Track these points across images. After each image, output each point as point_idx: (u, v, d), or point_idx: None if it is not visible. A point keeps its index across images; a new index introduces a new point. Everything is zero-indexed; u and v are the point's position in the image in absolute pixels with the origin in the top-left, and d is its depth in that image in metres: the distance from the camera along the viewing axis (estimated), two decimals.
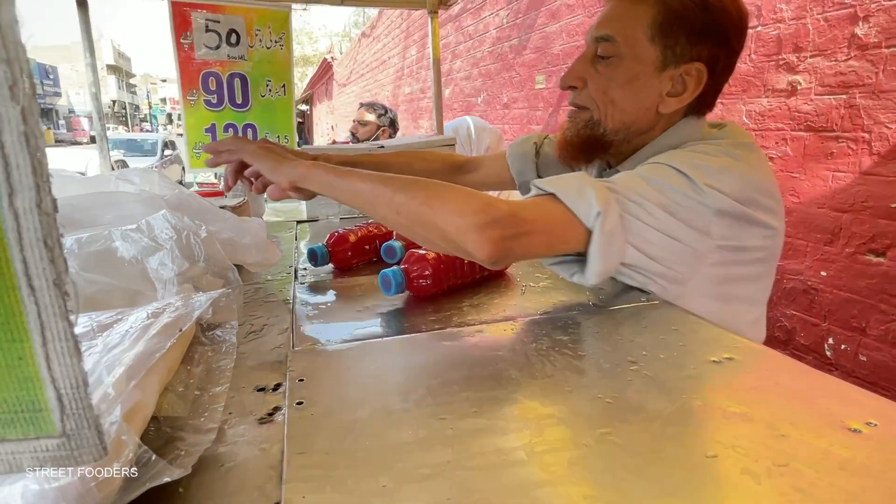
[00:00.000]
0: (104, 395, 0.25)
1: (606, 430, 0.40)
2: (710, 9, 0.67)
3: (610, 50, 0.72)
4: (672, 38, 0.69)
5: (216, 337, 0.47)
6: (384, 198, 0.61)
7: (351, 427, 0.41)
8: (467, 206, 0.58)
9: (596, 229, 0.60)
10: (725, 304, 0.71)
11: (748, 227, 0.67)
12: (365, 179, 0.63)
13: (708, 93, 0.72)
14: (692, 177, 0.63)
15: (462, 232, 0.57)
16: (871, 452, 0.36)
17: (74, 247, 0.52)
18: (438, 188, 0.61)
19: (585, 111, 0.76)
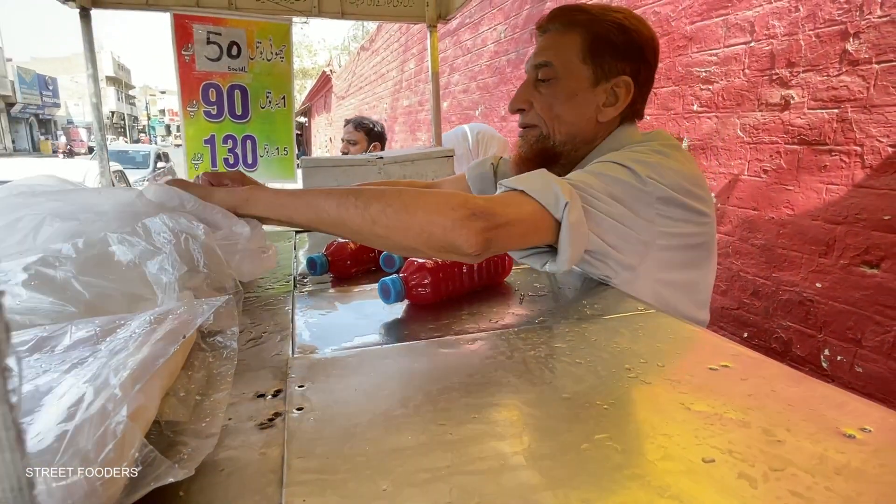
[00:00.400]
0: (111, 395, 0.26)
1: (604, 436, 0.40)
2: (627, 31, 0.80)
3: (549, 73, 0.82)
4: (600, 58, 0.80)
5: (217, 343, 0.47)
6: (355, 210, 0.61)
7: (351, 432, 0.41)
8: (447, 204, 0.61)
9: (564, 219, 0.65)
10: (671, 289, 0.80)
11: (685, 214, 0.75)
12: (329, 195, 0.63)
13: (636, 101, 0.84)
14: (635, 169, 0.72)
15: (448, 229, 0.60)
16: (866, 457, 0.37)
17: (71, 251, 0.53)
18: (413, 192, 0.63)
19: (535, 129, 0.86)
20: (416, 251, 0.63)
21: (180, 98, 1.79)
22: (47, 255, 0.51)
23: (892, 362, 1.44)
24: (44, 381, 0.31)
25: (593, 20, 0.80)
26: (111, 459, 0.23)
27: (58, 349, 0.36)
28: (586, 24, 0.80)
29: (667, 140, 0.81)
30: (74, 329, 0.39)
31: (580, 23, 0.80)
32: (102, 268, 0.52)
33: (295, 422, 0.42)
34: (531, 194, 0.66)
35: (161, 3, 1.67)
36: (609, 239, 0.70)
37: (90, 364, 0.33)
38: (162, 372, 0.36)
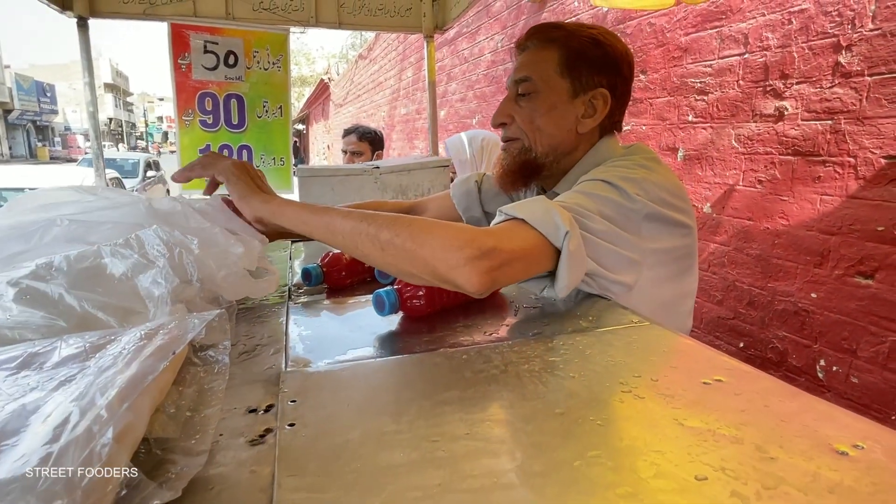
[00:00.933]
0: (97, 416, 0.25)
1: (597, 452, 0.40)
2: (602, 46, 0.83)
3: (529, 88, 0.85)
4: (577, 71, 0.83)
5: (208, 357, 0.47)
6: (367, 236, 0.63)
7: (342, 449, 0.41)
8: (455, 241, 0.61)
9: (564, 248, 0.67)
10: (662, 303, 0.81)
11: (670, 228, 0.77)
12: (345, 217, 0.65)
13: (614, 113, 0.86)
14: (623, 188, 0.73)
15: (452, 267, 0.61)
16: (859, 475, 0.37)
17: (63, 264, 0.52)
18: (423, 224, 0.63)
19: (517, 141, 0.88)
20: (420, 280, 0.65)
21: (176, 107, 1.79)
22: (39, 268, 0.51)
23: (887, 373, 1.44)
24: (31, 400, 0.31)
25: (569, 35, 0.83)
26: (96, 483, 0.23)
27: (46, 366, 0.36)
28: (563, 39, 0.83)
29: (647, 153, 0.84)
30: (64, 345, 0.39)
31: (557, 38, 0.83)
32: (94, 281, 0.52)
33: (286, 438, 0.42)
34: (532, 224, 0.67)
35: (158, 13, 1.68)
36: (605, 262, 0.72)
37: (78, 381, 0.32)
38: (152, 388, 0.35)
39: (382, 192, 1.40)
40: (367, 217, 0.65)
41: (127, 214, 0.63)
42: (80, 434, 0.24)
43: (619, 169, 0.77)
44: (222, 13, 1.74)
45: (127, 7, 1.64)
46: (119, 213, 0.63)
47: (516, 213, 0.69)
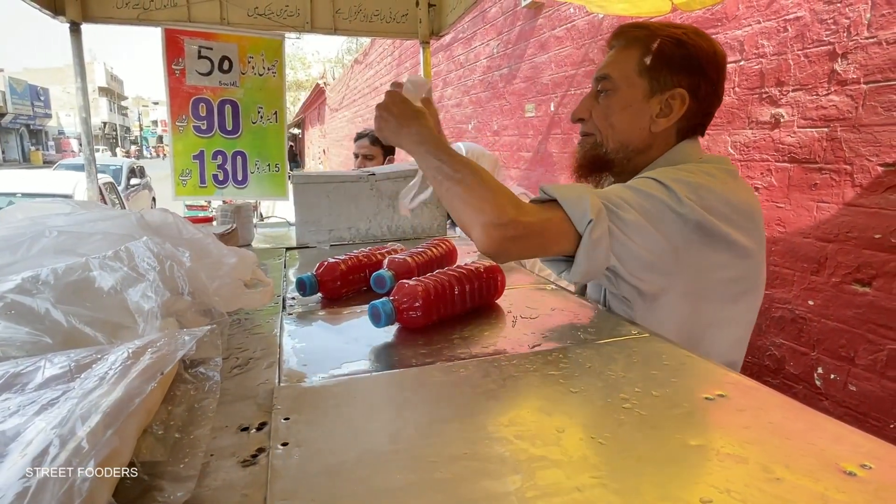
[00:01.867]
0: (77, 448, 0.24)
1: (599, 474, 0.39)
2: (685, 46, 0.81)
3: (607, 86, 0.85)
4: (656, 71, 0.82)
5: (199, 374, 0.45)
6: (436, 182, 0.76)
7: (337, 471, 0.39)
8: (481, 204, 0.69)
9: (585, 235, 0.68)
10: (700, 326, 0.78)
11: (721, 244, 0.74)
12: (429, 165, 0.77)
13: (695, 114, 0.83)
14: (674, 189, 0.72)
15: (472, 225, 0.70)
16: (869, 498, 0.36)
17: (50, 278, 0.51)
18: (472, 182, 0.72)
19: (591, 136, 0.88)
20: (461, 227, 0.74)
21: (169, 112, 1.77)
22: (25, 281, 0.49)
23: (885, 381, 1.44)
24: (11, 426, 0.30)
25: (651, 35, 0.82)
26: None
27: (29, 387, 0.34)
28: (644, 39, 0.82)
29: (723, 165, 0.81)
30: (48, 364, 0.37)
31: (639, 38, 0.83)
32: (82, 295, 0.50)
33: (279, 459, 0.41)
34: (562, 204, 0.70)
35: (152, 19, 1.66)
36: (627, 260, 0.71)
37: (61, 405, 0.31)
38: (139, 410, 0.34)
39: (378, 198, 1.39)
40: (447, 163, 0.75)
41: (117, 226, 0.61)
42: (59, 467, 0.23)
43: (678, 171, 0.76)
44: (217, 18, 1.73)
45: (120, 12, 1.62)
46: (109, 225, 0.61)
47: (552, 193, 0.72)
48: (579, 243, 0.69)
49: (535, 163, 3.32)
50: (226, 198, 1.87)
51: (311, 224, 1.35)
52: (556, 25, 3.04)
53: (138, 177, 10.15)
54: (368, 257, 0.92)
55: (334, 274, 0.86)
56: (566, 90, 2.96)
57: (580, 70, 2.82)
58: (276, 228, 1.74)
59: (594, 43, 2.69)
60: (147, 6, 1.63)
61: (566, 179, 2.97)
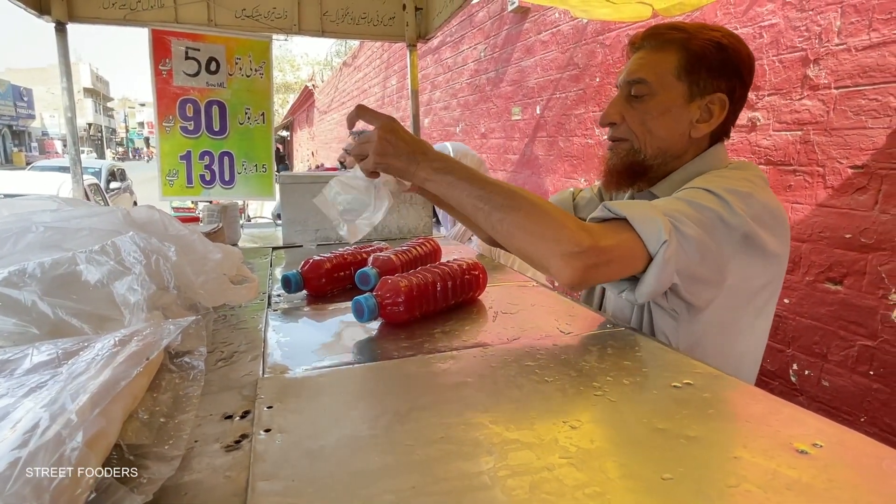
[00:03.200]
0: (67, 420, 0.26)
1: (568, 455, 0.41)
2: (725, 49, 0.79)
3: (643, 90, 0.81)
4: (695, 75, 0.79)
5: (184, 364, 0.47)
6: (483, 214, 0.68)
7: (318, 454, 0.41)
8: (560, 232, 0.64)
9: (659, 255, 0.66)
10: (725, 339, 0.77)
11: (760, 254, 0.73)
12: (469, 194, 0.69)
13: (730, 118, 0.82)
14: (727, 200, 0.70)
15: (547, 258, 0.65)
16: (816, 473, 0.38)
17: (37, 271, 0.52)
18: (532, 210, 0.66)
19: (625, 142, 0.85)
20: (525, 260, 0.69)
21: (156, 113, 1.77)
22: (11, 274, 0.50)
23: (856, 376, 1.48)
24: (0, 406, 0.31)
25: (690, 38, 0.79)
26: (65, 487, 0.23)
27: (17, 372, 0.36)
28: (683, 41, 0.79)
29: (758, 171, 0.80)
30: (35, 352, 0.39)
31: (676, 40, 0.80)
32: (69, 288, 0.51)
33: (261, 444, 0.42)
34: (633, 225, 0.67)
35: (139, 19, 1.66)
36: (687, 280, 0.70)
37: (49, 387, 0.32)
38: (125, 394, 0.35)
39: None
40: (484, 197, 0.68)
41: (103, 222, 0.62)
42: (50, 438, 0.24)
43: (726, 180, 0.74)
44: (204, 20, 1.74)
45: (107, 12, 1.62)
46: (95, 221, 0.62)
47: (620, 212, 0.68)
48: (647, 265, 0.67)
49: (522, 165, 3.36)
50: (213, 198, 1.87)
51: (298, 224, 1.36)
52: (541, 30, 3.09)
53: (118, 179, 9.67)
54: (353, 255, 0.93)
55: (319, 271, 0.87)
56: (551, 94, 3.00)
57: (565, 74, 2.86)
58: (263, 228, 1.75)
59: (578, 47, 2.74)
60: (134, 6, 1.63)
61: (552, 181, 3.01)
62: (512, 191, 0.68)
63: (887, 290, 1.39)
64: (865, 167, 1.42)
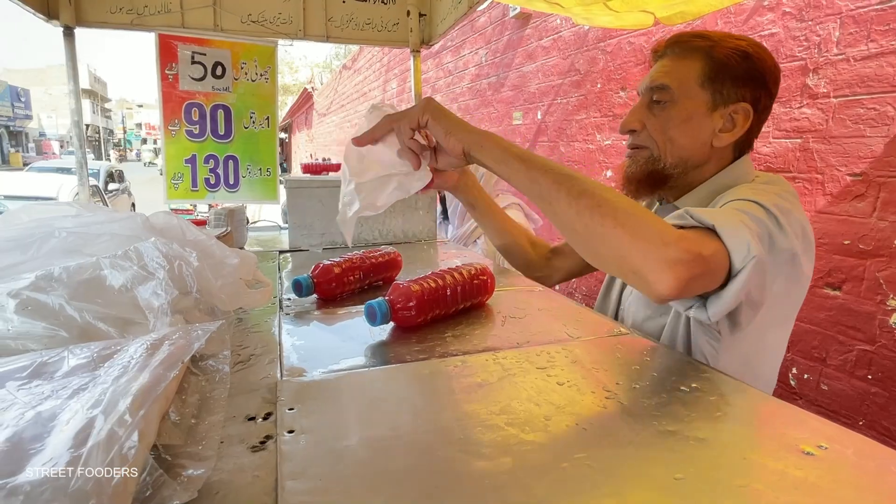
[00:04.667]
0: (121, 420, 0.27)
1: (583, 455, 0.42)
2: (750, 58, 0.77)
3: (665, 96, 0.80)
4: (719, 83, 0.78)
5: (209, 367, 0.48)
6: (566, 197, 0.59)
7: (342, 454, 0.42)
8: (661, 235, 0.57)
9: (745, 271, 0.61)
10: (756, 353, 0.77)
11: (798, 274, 0.71)
12: (548, 171, 0.61)
13: (753, 128, 0.80)
14: (777, 217, 0.67)
15: (647, 261, 0.57)
16: (822, 473, 0.40)
17: (63, 275, 0.53)
18: (628, 205, 0.59)
19: (644, 150, 0.83)
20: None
21: (162, 117, 1.78)
22: (38, 279, 0.52)
23: (854, 380, 1.50)
24: (46, 408, 0.32)
25: (714, 46, 0.78)
26: (123, 482, 0.24)
27: (57, 375, 0.37)
28: (707, 49, 0.78)
29: (790, 189, 0.77)
30: (71, 355, 0.40)
31: (701, 48, 0.79)
32: (94, 292, 0.53)
33: (286, 444, 0.44)
34: (723, 237, 0.62)
35: (146, 24, 1.68)
36: (744, 300, 0.66)
37: (92, 390, 0.34)
38: (160, 397, 0.37)
39: None
40: (571, 177, 0.60)
41: (124, 227, 0.64)
42: (106, 437, 0.26)
43: (769, 195, 0.70)
44: (210, 25, 1.75)
45: (114, 17, 1.64)
46: (116, 227, 0.64)
47: (708, 221, 0.63)
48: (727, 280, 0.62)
49: None
50: (217, 202, 1.89)
51: (304, 228, 1.37)
52: (543, 36, 3.11)
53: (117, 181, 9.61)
54: (362, 260, 0.95)
55: (329, 276, 0.89)
56: (553, 99, 3.03)
57: (566, 80, 2.88)
58: (267, 232, 1.76)
59: (580, 53, 2.76)
60: (141, 11, 1.65)
61: None
62: (601, 184, 0.62)
63: (885, 296, 1.41)
64: (864, 175, 1.45)
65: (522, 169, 0.62)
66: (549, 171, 0.61)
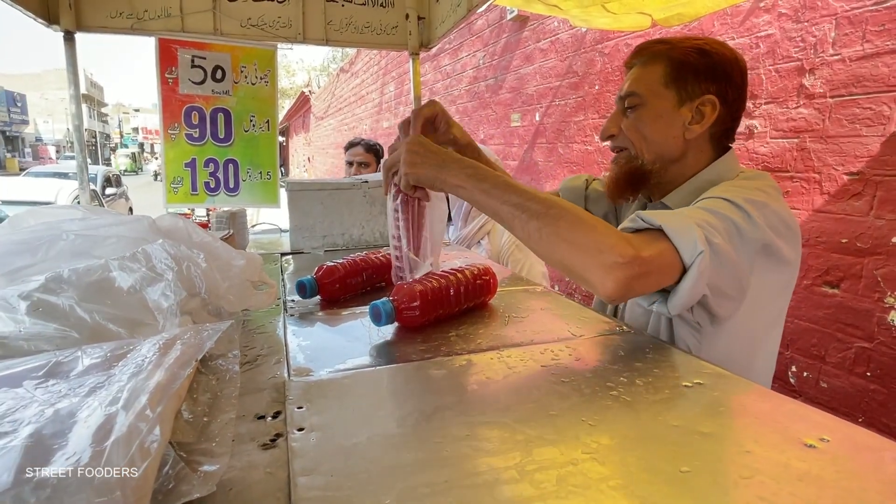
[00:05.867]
0: (143, 415, 0.28)
1: (590, 451, 0.43)
2: (708, 54, 0.82)
3: (635, 101, 0.86)
4: (682, 81, 0.83)
5: (219, 367, 0.49)
6: (519, 222, 0.68)
7: (352, 451, 0.43)
8: (601, 242, 0.63)
9: (694, 266, 0.65)
10: (747, 347, 0.79)
11: (777, 264, 0.74)
12: (504, 201, 0.69)
13: (725, 119, 0.84)
14: (748, 211, 0.71)
15: (588, 269, 0.63)
16: (825, 465, 0.41)
17: (73, 277, 0.54)
18: (571, 218, 0.65)
19: (624, 151, 0.88)
20: (560, 271, 0.67)
21: (162, 121, 1.79)
22: (48, 281, 0.52)
23: (853, 378, 1.51)
24: (64, 406, 0.33)
25: (672, 48, 0.83)
26: (145, 476, 0.25)
27: (73, 374, 0.37)
28: (666, 52, 0.84)
29: (771, 181, 0.81)
30: (85, 355, 0.41)
31: (660, 52, 0.84)
32: (103, 294, 0.53)
33: (297, 442, 0.44)
34: (670, 235, 0.66)
35: (146, 28, 1.69)
36: (715, 291, 0.69)
37: (108, 388, 0.34)
38: (174, 394, 0.37)
39: (371, 205, 1.42)
40: (520, 205, 0.67)
41: (130, 230, 0.64)
42: (128, 432, 0.26)
43: (742, 190, 0.75)
44: (210, 29, 1.76)
45: (114, 22, 1.65)
46: (123, 229, 0.64)
47: (655, 222, 0.68)
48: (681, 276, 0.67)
49: (521, 171, 3.39)
50: (217, 205, 1.89)
51: (306, 230, 1.38)
52: (540, 38, 3.13)
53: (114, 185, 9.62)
54: (365, 261, 0.95)
55: (333, 277, 0.89)
56: (550, 101, 3.04)
57: (564, 81, 2.90)
58: (268, 235, 1.77)
59: (577, 55, 2.78)
60: (141, 16, 1.65)
61: (552, 187, 3.04)
62: (550, 199, 0.68)
63: (883, 294, 1.43)
64: (860, 174, 1.46)
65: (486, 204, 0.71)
66: (505, 203, 0.69)
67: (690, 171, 0.86)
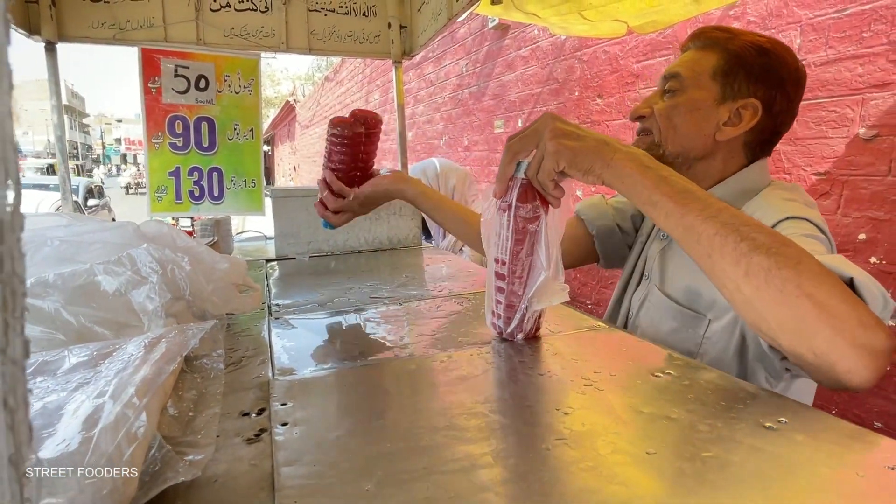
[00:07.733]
0: (130, 402, 0.29)
1: (562, 436, 0.45)
2: (768, 54, 0.76)
3: (675, 85, 0.80)
4: (732, 77, 0.77)
5: (203, 366, 0.50)
6: (734, 251, 0.49)
7: (334, 443, 0.45)
8: (861, 317, 0.45)
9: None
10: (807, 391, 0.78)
11: None
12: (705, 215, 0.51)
13: (765, 129, 0.78)
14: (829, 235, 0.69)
15: (841, 347, 0.45)
16: (781, 444, 0.43)
17: (58, 281, 0.55)
18: (816, 268, 0.47)
19: (649, 134, 0.83)
20: (770, 333, 0.50)
21: (145, 130, 1.79)
22: (34, 285, 0.53)
23: None
24: (52, 400, 0.34)
25: (732, 39, 0.77)
26: (132, 459, 0.26)
27: (59, 372, 0.39)
28: (724, 42, 0.78)
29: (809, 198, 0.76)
30: (71, 354, 0.42)
31: (718, 41, 0.79)
32: (89, 297, 0.54)
33: (281, 435, 0.46)
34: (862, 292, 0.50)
35: (129, 38, 1.69)
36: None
37: (95, 383, 0.36)
38: (159, 390, 0.39)
39: None
40: (739, 228, 0.49)
41: (115, 236, 0.66)
42: (115, 420, 0.28)
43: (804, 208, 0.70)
44: (193, 39, 1.77)
45: (96, 32, 1.65)
46: (107, 235, 0.65)
47: (846, 272, 0.51)
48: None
49: None
50: (201, 214, 1.89)
51: (290, 236, 1.39)
52: (521, 46, 3.18)
53: (96, 197, 9.52)
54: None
55: None
56: (532, 107, 3.09)
57: (545, 88, 2.95)
58: (254, 242, 1.77)
59: (557, 62, 2.83)
60: (123, 26, 1.66)
61: None
62: (774, 231, 0.50)
63: None
64: (827, 174, 1.51)
65: (676, 214, 0.53)
66: (709, 218, 0.51)
67: (718, 174, 0.81)
